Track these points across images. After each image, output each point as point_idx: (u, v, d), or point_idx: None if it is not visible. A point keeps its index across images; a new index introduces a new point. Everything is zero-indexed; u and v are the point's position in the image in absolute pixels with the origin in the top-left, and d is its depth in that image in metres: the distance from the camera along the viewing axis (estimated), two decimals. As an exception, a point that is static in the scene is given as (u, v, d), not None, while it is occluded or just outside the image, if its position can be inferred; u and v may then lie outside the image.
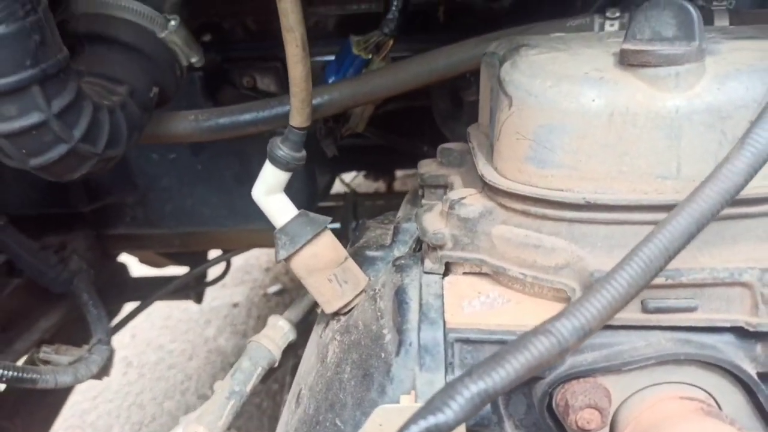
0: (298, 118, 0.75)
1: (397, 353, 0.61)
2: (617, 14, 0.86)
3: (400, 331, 0.62)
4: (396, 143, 1.49)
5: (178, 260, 1.84)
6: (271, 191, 0.77)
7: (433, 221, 0.67)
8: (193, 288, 1.94)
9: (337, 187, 2.37)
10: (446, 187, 0.79)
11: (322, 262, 0.74)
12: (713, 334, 0.57)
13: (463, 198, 0.66)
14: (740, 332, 0.56)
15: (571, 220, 0.59)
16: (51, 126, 0.68)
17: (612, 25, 0.86)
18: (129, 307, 1.67)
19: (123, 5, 0.84)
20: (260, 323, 2.61)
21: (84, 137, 0.72)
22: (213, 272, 1.93)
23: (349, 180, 2.39)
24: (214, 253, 1.82)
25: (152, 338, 2.86)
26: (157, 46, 0.87)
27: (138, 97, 0.82)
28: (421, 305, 0.63)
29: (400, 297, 0.65)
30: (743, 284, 0.55)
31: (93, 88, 0.77)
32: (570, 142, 0.58)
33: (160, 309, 2.91)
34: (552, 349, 0.46)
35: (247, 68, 1.29)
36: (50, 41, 0.65)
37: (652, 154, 0.56)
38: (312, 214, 0.77)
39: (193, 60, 0.91)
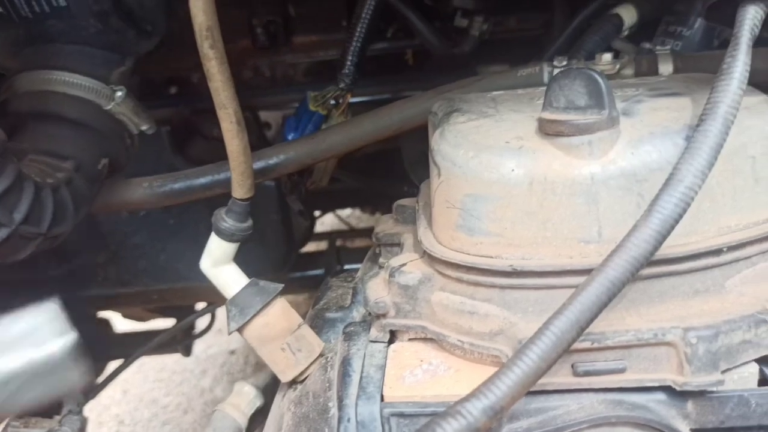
0: (240, 191, 0.81)
1: (338, 429, 0.67)
2: (564, 62, 0.93)
3: (340, 405, 0.68)
4: (373, 186, 1.56)
5: (163, 313, 1.91)
6: (218, 263, 0.83)
7: (377, 289, 0.74)
8: (180, 341, 2.00)
9: (332, 222, 2.45)
10: (400, 246, 0.86)
11: (274, 331, 0.79)
12: (645, 394, 0.62)
13: (403, 265, 0.73)
14: (671, 391, 0.61)
15: (501, 287, 0.65)
16: None
17: (561, 73, 0.93)
18: (114, 364, 1.74)
19: (67, 81, 0.90)
20: (257, 371, 2.66)
21: (26, 219, 0.77)
22: (203, 322, 2.00)
23: (347, 214, 2.47)
24: (202, 304, 1.89)
25: (145, 393, 2.93)
26: (104, 118, 0.93)
27: (85, 171, 0.89)
28: (361, 378, 0.69)
29: (344, 368, 0.71)
30: (668, 344, 0.61)
31: (37, 166, 0.83)
32: (495, 211, 0.65)
33: (153, 361, 2.97)
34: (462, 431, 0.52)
35: (215, 119, 1.37)
36: None
37: (573, 219, 0.63)
38: (263, 283, 0.81)
39: (144, 128, 0.98)
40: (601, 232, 0.63)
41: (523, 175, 0.63)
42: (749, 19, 0.60)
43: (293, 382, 0.82)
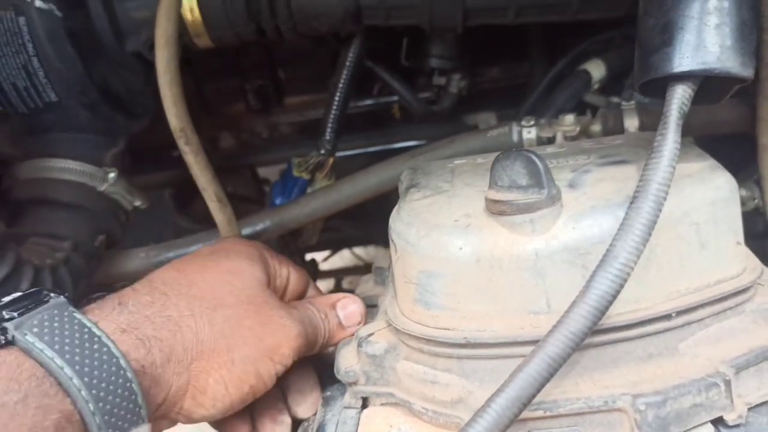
0: None
1: (309, 496, 0.69)
2: (531, 122, 0.94)
3: None
4: (370, 232, 1.58)
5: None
6: None
7: (348, 357, 0.75)
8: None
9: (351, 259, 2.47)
10: (378, 308, 0.87)
11: None
12: None
13: (371, 335, 0.74)
14: None
15: (459, 357, 0.66)
16: None
17: (529, 132, 0.95)
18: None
19: (61, 167, 0.95)
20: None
21: None
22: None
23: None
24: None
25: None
26: (98, 199, 0.98)
27: (83, 249, 0.93)
28: (333, 445, 0.71)
29: (317, 434, 0.73)
30: (620, 410, 0.61)
31: (37, 248, 0.87)
32: (447, 286, 0.65)
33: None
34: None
35: (219, 177, 1.41)
36: None
37: (522, 292, 0.63)
38: None
39: (137, 204, 1.02)
40: (550, 303, 0.63)
41: (470, 253, 0.64)
42: (677, 98, 0.61)
43: None
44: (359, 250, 2.52)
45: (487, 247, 0.63)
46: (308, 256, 1.66)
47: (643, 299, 0.64)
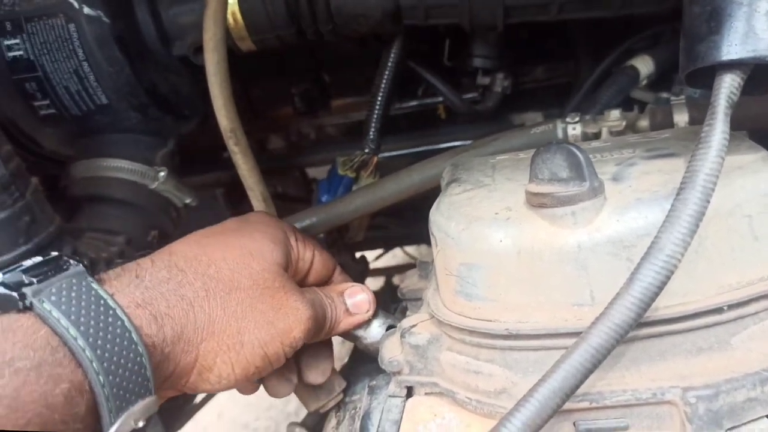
0: None
1: (355, 482, 0.68)
2: (576, 119, 0.91)
3: None
4: (416, 230, 1.57)
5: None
6: None
7: (392, 348, 0.74)
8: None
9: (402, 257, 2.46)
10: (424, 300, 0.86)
11: None
12: None
13: (413, 326, 0.72)
14: None
15: (502, 348, 0.64)
16: None
17: (574, 129, 0.92)
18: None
19: (116, 166, 0.97)
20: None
21: None
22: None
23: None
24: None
25: (237, 416, 3.00)
26: (150, 196, 1.00)
27: (136, 243, 0.94)
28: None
29: (363, 422, 0.72)
30: (669, 402, 0.58)
31: (93, 242, 0.88)
32: (488, 278, 0.63)
33: (244, 386, 3.04)
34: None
35: (269, 178, 1.42)
36: (40, 218, 0.76)
37: (565, 285, 0.61)
38: None
39: (187, 201, 1.03)
40: (594, 295, 0.61)
41: (511, 245, 0.62)
42: (725, 88, 0.57)
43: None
44: (411, 249, 2.51)
45: (527, 240, 0.61)
46: (359, 254, 1.65)
47: (693, 292, 0.61)
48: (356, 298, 0.81)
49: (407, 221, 1.62)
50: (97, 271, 0.83)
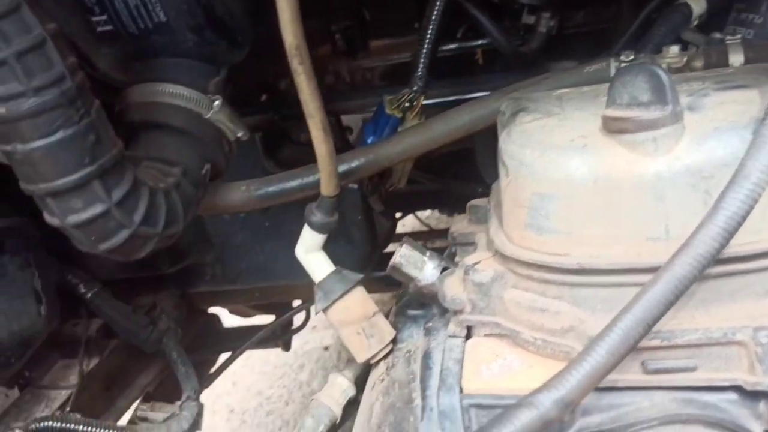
0: (327, 188, 0.90)
1: (422, 418, 0.69)
2: (631, 57, 0.90)
3: (423, 396, 0.70)
4: (449, 187, 1.57)
5: (264, 310, 1.99)
6: (309, 250, 0.92)
7: (453, 286, 0.75)
8: (280, 336, 2.08)
9: (413, 224, 2.47)
10: (474, 245, 0.87)
11: (352, 316, 0.88)
12: (716, 393, 0.61)
13: (477, 263, 0.73)
14: (743, 390, 0.60)
15: (571, 284, 0.65)
16: (113, 214, 0.78)
17: (629, 68, 0.91)
18: (223, 357, 1.83)
19: (171, 92, 0.95)
20: (350, 364, 2.73)
21: (143, 221, 0.82)
22: (299, 319, 2.07)
23: (426, 215, 2.49)
24: (298, 300, 1.96)
25: (251, 384, 3.05)
26: (204, 126, 0.98)
27: (191, 176, 0.93)
28: (441, 370, 0.71)
29: (425, 361, 0.74)
30: (738, 343, 0.59)
31: (150, 171, 0.88)
32: (561, 209, 0.64)
33: (258, 355, 3.09)
34: (534, 421, 0.53)
35: (303, 124, 1.40)
36: (105, 138, 0.76)
37: (640, 216, 0.62)
38: (345, 271, 0.91)
39: (239, 134, 1.02)
40: (669, 229, 0.62)
41: (587, 173, 0.63)
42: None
43: (368, 364, 0.90)
44: (423, 216, 2.52)
45: (605, 168, 0.62)
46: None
47: (766, 230, 0.61)
48: None
49: (437, 176, 1.61)
50: (156, 202, 0.83)
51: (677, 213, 0.61)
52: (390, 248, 1.86)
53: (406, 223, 2.57)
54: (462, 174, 1.55)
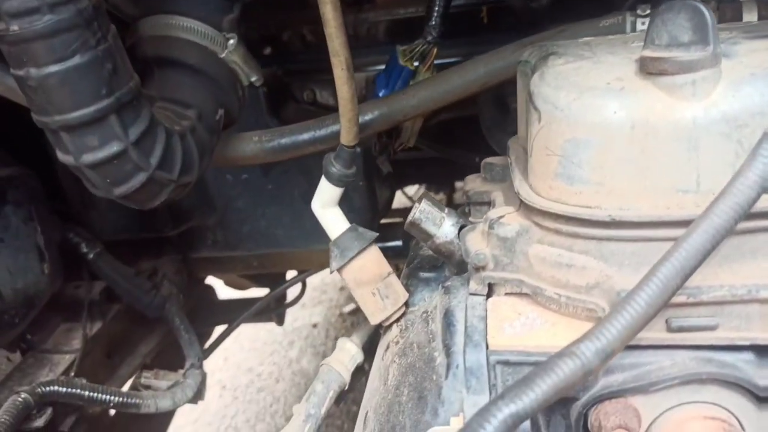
0: (347, 136, 0.86)
1: (446, 376, 0.69)
2: (648, 11, 0.90)
3: (448, 353, 0.70)
4: (450, 155, 1.56)
5: (258, 282, 1.98)
6: (326, 205, 0.89)
7: (476, 241, 0.75)
8: (274, 310, 2.07)
9: (401, 202, 2.47)
10: (490, 204, 0.86)
11: (368, 275, 0.86)
12: (734, 353, 0.62)
13: (501, 217, 0.73)
14: (761, 350, 0.61)
15: (599, 238, 0.65)
16: (130, 155, 0.74)
17: (643, 23, 0.91)
18: (219, 329, 1.83)
19: (186, 26, 0.91)
20: (358, 329, 2.75)
21: (160, 164, 0.79)
22: (292, 293, 2.07)
23: (412, 193, 2.49)
24: (291, 274, 1.95)
25: (242, 361, 3.07)
26: (219, 67, 0.94)
27: (206, 121, 0.89)
28: (466, 327, 0.71)
29: (447, 319, 0.73)
30: (761, 301, 0.60)
31: (164, 113, 0.84)
32: (595, 157, 0.64)
33: (247, 331, 3.11)
34: (577, 371, 0.53)
35: (307, 81, 1.38)
36: (122, 69, 0.72)
37: (673, 167, 0.62)
38: (361, 229, 0.88)
39: (253, 79, 0.98)
40: (700, 181, 0.62)
41: (625, 117, 0.62)
42: None
43: (380, 326, 0.88)
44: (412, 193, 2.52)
45: (643, 112, 0.61)
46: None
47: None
48: None
49: (441, 145, 1.60)
50: (172, 144, 0.78)
51: (709, 164, 0.61)
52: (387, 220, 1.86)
53: (401, 201, 2.58)
54: (461, 142, 1.54)
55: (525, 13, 1.23)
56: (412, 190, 2.59)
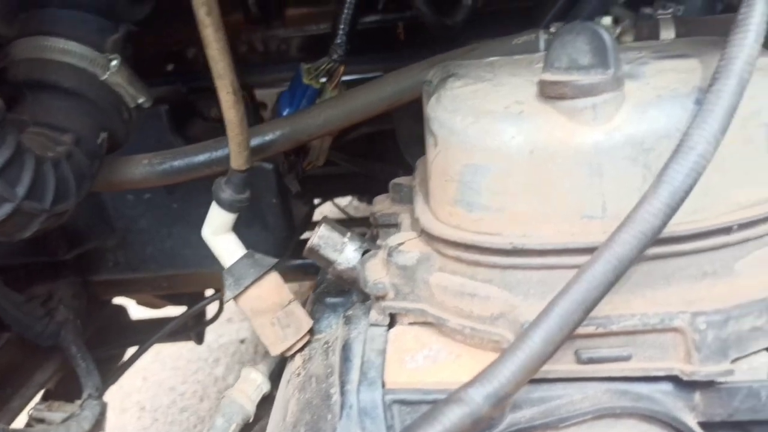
0: (238, 161, 0.82)
1: (340, 416, 0.64)
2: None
3: (342, 391, 0.65)
4: (369, 170, 1.53)
5: (174, 301, 1.90)
6: (217, 232, 0.85)
7: (376, 270, 0.70)
8: (192, 328, 1.99)
9: (331, 211, 2.43)
10: (398, 226, 0.81)
11: (266, 304, 0.82)
12: (651, 384, 0.58)
13: (401, 244, 0.68)
14: (677, 381, 0.57)
15: (503, 267, 0.61)
16: None
17: (558, 41, 0.88)
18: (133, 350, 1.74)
19: (62, 48, 0.86)
20: (265, 357, 2.69)
21: (29, 194, 0.74)
22: (213, 310, 1.99)
23: (345, 204, 2.44)
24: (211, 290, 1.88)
25: (163, 380, 2.95)
26: (100, 89, 0.90)
27: (85, 145, 0.85)
28: (362, 363, 0.66)
29: (345, 353, 0.68)
30: (675, 330, 0.56)
31: (37, 138, 0.80)
32: (494, 183, 0.60)
33: (170, 349, 3.00)
34: (464, 419, 0.48)
35: (213, 98, 1.33)
36: None
37: (577, 193, 0.58)
38: (258, 255, 0.84)
39: (140, 101, 0.94)
40: (606, 207, 0.58)
41: (524, 142, 0.58)
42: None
43: (283, 356, 0.83)
44: (342, 204, 2.48)
45: (542, 137, 0.58)
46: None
47: (702, 210, 0.59)
48: None
49: (359, 159, 1.56)
50: (43, 172, 0.74)
51: (615, 189, 0.58)
52: (307, 235, 1.81)
53: (324, 211, 2.53)
54: (380, 157, 1.51)
55: (440, 31, 1.20)
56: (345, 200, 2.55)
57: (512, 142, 0.58)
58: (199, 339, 2.08)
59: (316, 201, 1.99)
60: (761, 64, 0.61)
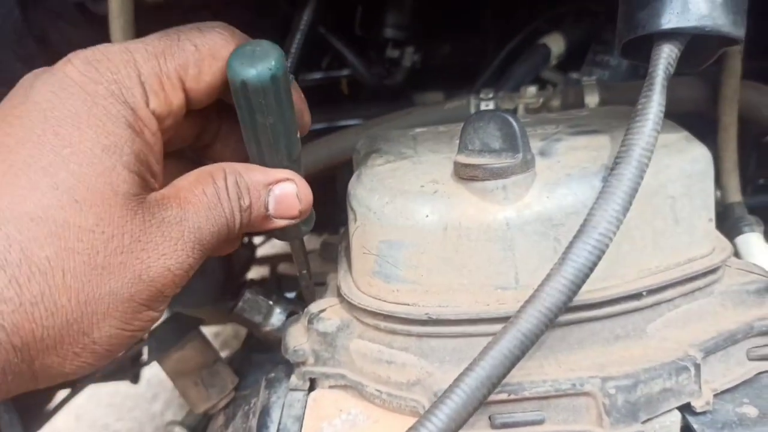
0: None
1: (251, 489, 0.62)
2: (490, 95, 0.90)
3: None
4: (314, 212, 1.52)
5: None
6: None
7: (297, 335, 0.69)
8: (129, 369, 1.93)
9: (282, 246, 2.39)
10: (326, 285, 0.81)
11: (189, 365, 0.82)
12: None
13: (322, 311, 0.68)
14: None
15: (418, 335, 0.61)
16: None
17: (488, 105, 0.91)
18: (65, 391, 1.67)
19: None
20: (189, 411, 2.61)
21: None
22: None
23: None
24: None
25: (98, 418, 2.84)
26: None
27: None
28: (278, 430, 0.65)
29: (261, 419, 0.67)
30: (587, 394, 0.57)
31: None
32: (410, 258, 0.61)
33: (106, 386, 2.89)
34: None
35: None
36: None
37: (489, 265, 0.59)
38: (184, 317, 0.84)
39: None
40: (518, 278, 0.59)
41: (437, 221, 0.59)
42: (663, 58, 0.57)
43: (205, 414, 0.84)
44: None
45: (455, 215, 0.59)
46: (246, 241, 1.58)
47: (613, 276, 0.61)
48: (279, 190, 0.58)
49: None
50: None
51: (527, 261, 0.59)
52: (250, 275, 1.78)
53: (276, 244, 2.49)
54: (328, 198, 1.50)
55: (377, 93, 1.23)
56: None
57: (426, 221, 0.59)
58: (135, 379, 2.01)
59: (258, 240, 1.98)
60: (667, 140, 0.65)
